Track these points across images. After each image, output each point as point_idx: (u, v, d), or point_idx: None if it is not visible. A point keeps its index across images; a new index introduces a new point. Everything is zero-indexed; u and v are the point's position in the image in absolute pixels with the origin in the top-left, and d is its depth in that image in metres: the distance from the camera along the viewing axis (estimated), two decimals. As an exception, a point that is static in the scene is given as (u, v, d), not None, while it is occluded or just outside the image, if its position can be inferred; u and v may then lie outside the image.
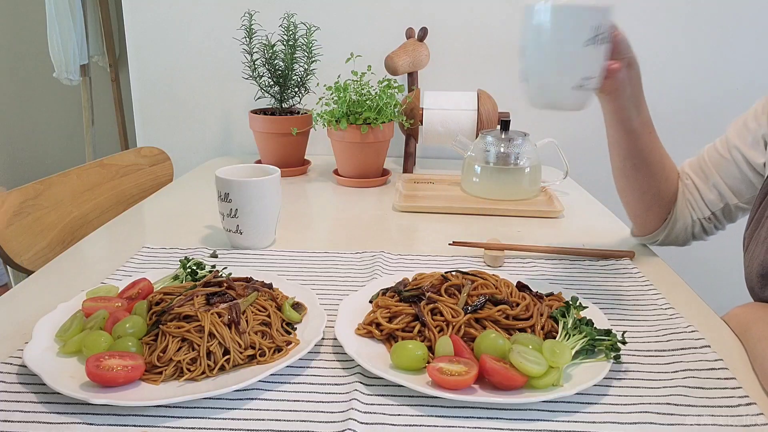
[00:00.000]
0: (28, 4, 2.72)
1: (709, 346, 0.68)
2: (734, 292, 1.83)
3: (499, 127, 1.29)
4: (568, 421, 0.57)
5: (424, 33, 1.48)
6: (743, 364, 0.66)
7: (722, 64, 1.62)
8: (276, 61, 1.40)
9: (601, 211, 1.24)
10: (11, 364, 0.63)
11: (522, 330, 0.67)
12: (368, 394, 0.60)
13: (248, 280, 0.75)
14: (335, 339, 0.67)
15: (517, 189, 1.24)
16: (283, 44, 1.40)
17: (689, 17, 1.59)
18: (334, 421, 0.56)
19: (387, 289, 0.75)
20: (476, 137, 1.35)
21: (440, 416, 0.57)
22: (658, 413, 0.57)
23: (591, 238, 1.06)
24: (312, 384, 0.62)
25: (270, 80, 1.41)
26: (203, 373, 0.60)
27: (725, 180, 0.89)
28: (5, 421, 0.55)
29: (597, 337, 0.64)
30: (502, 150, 1.24)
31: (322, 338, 0.68)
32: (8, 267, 1.02)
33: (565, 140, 1.44)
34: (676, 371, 0.64)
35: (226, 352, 0.62)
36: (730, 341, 0.71)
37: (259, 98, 1.44)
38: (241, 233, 0.95)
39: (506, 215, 1.17)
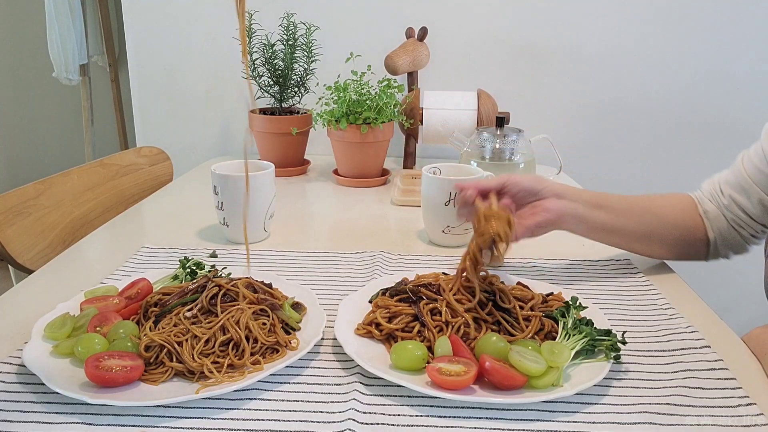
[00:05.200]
0: (28, 4, 2.72)
1: (709, 346, 0.68)
2: (735, 291, 1.83)
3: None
4: (568, 422, 0.57)
5: (424, 33, 1.48)
6: (743, 365, 0.66)
7: (722, 64, 1.62)
8: (276, 61, 1.40)
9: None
10: (10, 363, 0.63)
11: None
12: (368, 395, 0.60)
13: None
14: (335, 339, 0.67)
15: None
16: (283, 44, 1.40)
17: (689, 18, 1.59)
18: (334, 421, 0.56)
19: (387, 289, 0.75)
20: (476, 137, 1.36)
21: (440, 416, 0.57)
22: (658, 413, 0.57)
23: None
24: (312, 384, 0.62)
25: (270, 80, 1.41)
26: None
27: None
28: (4, 420, 0.55)
29: (597, 337, 0.64)
30: (497, 146, 1.26)
31: (322, 338, 0.68)
32: (10, 267, 1.02)
33: (559, 137, 1.44)
34: (676, 371, 0.64)
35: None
36: (730, 341, 0.71)
37: (258, 98, 1.43)
38: (227, 226, 0.98)
39: None
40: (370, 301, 0.75)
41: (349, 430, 0.55)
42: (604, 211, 0.86)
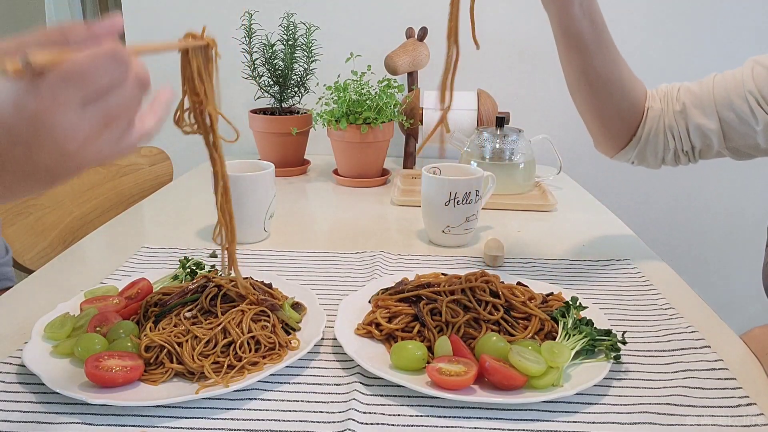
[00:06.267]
0: (28, 4, 2.72)
1: (709, 347, 0.68)
2: (735, 291, 1.82)
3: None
4: (568, 422, 0.57)
5: (424, 33, 1.48)
6: (743, 365, 0.66)
7: (722, 64, 1.61)
8: (276, 61, 1.40)
9: (594, 204, 1.27)
10: (10, 363, 0.63)
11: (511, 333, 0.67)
12: (368, 395, 0.60)
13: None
14: (335, 339, 0.67)
15: (512, 184, 1.25)
16: (283, 44, 1.40)
17: (689, 18, 1.59)
18: (334, 421, 0.56)
19: (387, 289, 0.75)
20: (476, 137, 1.36)
21: (440, 416, 0.57)
22: (658, 413, 0.57)
23: (583, 230, 1.09)
24: (312, 384, 0.62)
25: (270, 80, 1.41)
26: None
27: (723, 123, 0.83)
28: (4, 420, 0.55)
29: (597, 337, 0.64)
30: (497, 146, 1.26)
31: (322, 338, 0.68)
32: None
33: (559, 137, 1.45)
34: (676, 371, 0.64)
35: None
36: (730, 341, 0.71)
37: (258, 98, 1.43)
38: None
39: (501, 209, 1.19)
40: (370, 301, 0.75)
41: (349, 430, 0.55)
42: (591, 25, 0.79)
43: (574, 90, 0.88)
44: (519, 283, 0.77)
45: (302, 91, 1.44)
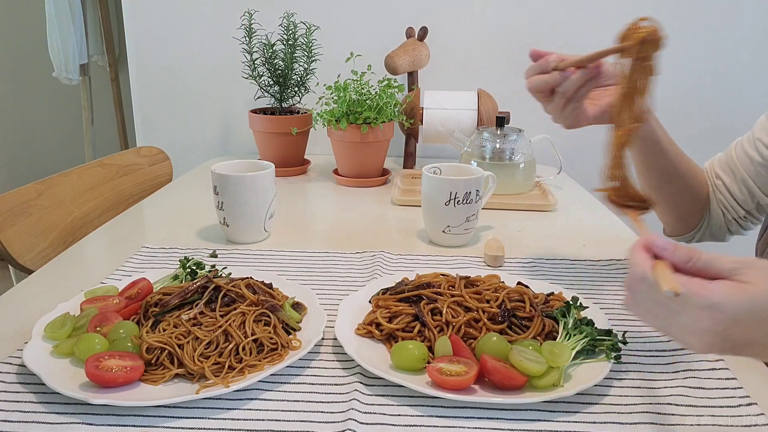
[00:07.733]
0: (27, 4, 2.72)
1: (709, 346, 0.67)
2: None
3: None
4: (569, 422, 0.57)
5: (424, 32, 1.48)
6: (744, 365, 0.66)
7: (722, 64, 1.62)
8: (276, 61, 1.40)
9: (594, 204, 1.27)
10: (11, 363, 0.63)
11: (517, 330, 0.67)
12: (368, 395, 0.60)
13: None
14: (335, 339, 0.67)
15: (512, 183, 1.25)
16: (283, 44, 1.40)
17: (689, 17, 1.59)
18: (334, 422, 0.56)
19: (387, 289, 0.75)
20: (476, 137, 1.36)
21: (440, 416, 0.57)
22: (658, 413, 0.57)
23: (583, 230, 1.09)
24: (312, 384, 0.62)
25: (270, 80, 1.41)
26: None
27: (753, 178, 0.87)
28: (5, 421, 0.55)
29: (597, 337, 0.64)
30: (497, 146, 1.26)
31: (322, 338, 0.68)
32: (11, 267, 1.02)
33: (559, 137, 1.44)
34: (677, 371, 0.64)
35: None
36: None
37: (258, 98, 1.43)
38: (228, 225, 0.98)
39: (501, 209, 1.19)
40: (371, 301, 0.75)
41: (349, 430, 0.55)
42: (661, 128, 0.86)
43: (653, 190, 0.93)
44: (519, 283, 0.77)
45: (302, 91, 1.44)
